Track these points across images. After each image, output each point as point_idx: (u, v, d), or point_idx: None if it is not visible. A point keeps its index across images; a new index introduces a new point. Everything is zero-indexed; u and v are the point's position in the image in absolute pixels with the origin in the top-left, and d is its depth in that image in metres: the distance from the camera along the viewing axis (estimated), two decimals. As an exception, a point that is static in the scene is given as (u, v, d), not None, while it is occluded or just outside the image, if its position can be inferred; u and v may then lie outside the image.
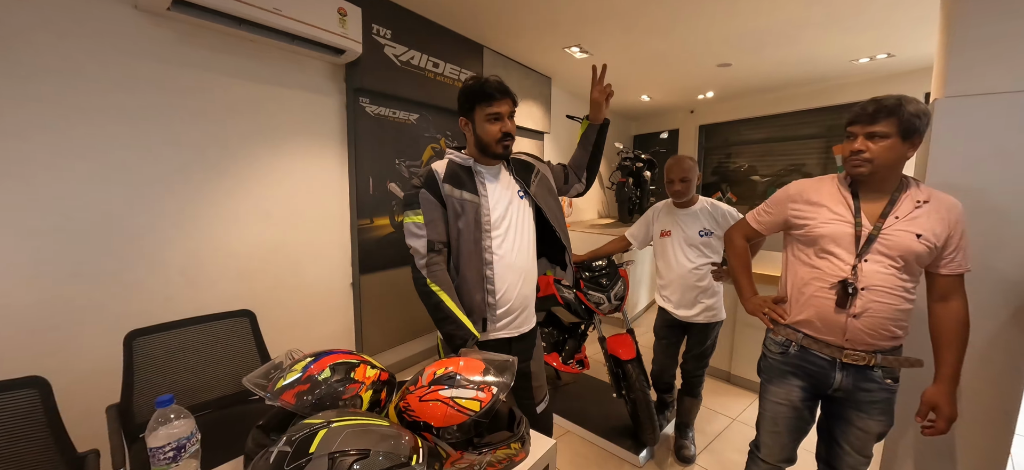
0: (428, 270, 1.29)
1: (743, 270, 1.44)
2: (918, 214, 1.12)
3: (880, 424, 1.20)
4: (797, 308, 1.25)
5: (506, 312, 1.37)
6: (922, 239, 1.10)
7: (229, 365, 1.60)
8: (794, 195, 1.30)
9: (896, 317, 1.13)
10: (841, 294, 1.14)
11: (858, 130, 1.14)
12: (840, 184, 1.24)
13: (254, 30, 1.99)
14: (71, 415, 1.20)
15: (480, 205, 1.31)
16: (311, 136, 2.47)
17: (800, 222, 1.26)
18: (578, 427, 2.40)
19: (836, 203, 1.21)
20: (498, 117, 1.30)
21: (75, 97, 1.67)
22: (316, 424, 0.72)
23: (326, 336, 2.66)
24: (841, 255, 1.16)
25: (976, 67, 1.31)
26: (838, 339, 1.18)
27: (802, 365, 1.25)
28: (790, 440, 1.31)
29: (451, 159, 1.37)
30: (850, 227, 1.16)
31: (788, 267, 1.32)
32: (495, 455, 0.89)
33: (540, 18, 2.90)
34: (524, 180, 1.43)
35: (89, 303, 1.75)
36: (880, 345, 1.15)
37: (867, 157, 1.12)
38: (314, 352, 1.01)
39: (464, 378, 0.92)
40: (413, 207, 1.31)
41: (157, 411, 0.81)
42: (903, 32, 3.04)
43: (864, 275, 1.13)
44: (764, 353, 1.38)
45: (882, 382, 1.17)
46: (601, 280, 2.23)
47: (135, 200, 1.85)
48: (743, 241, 1.45)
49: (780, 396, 1.30)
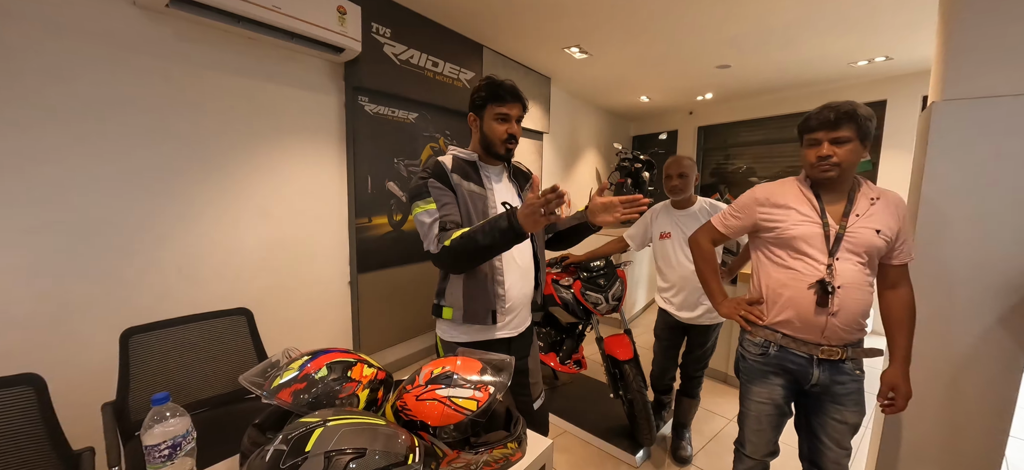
0: (439, 238, 1.19)
1: (713, 274, 1.47)
2: (874, 211, 1.20)
3: (855, 415, 1.25)
4: (776, 310, 1.28)
5: (510, 308, 1.36)
6: (881, 234, 1.18)
7: (226, 363, 1.59)
8: (761, 198, 1.33)
9: (865, 311, 1.20)
10: (821, 294, 1.18)
11: (823, 136, 1.19)
12: (802, 186, 1.29)
13: (253, 27, 1.99)
14: (66, 413, 1.20)
15: (486, 197, 1.32)
16: (310, 134, 2.47)
17: (770, 225, 1.29)
18: (575, 427, 2.41)
19: (802, 205, 1.26)
20: (506, 118, 1.31)
21: (72, 93, 1.66)
22: (312, 423, 0.72)
23: (323, 335, 2.66)
24: (815, 255, 1.21)
25: (974, 71, 1.32)
26: (817, 337, 1.22)
27: (782, 364, 1.29)
28: (774, 435, 1.36)
29: (455, 154, 1.37)
30: (819, 228, 1.22)
31: (760, 269, 1.35)
32: (492, 455, 0.89)
33: (540, 18, 2.90)
34: (519, 186, 1.45)
35: (85, 300, 1.74)
36: (852, 339, 1.22)
37: (835, 161, 1.18)
38: (311, 351, 1.00)
39: (461, 377, 0.92)
40: (421, 197, 1.26)
41: (153, 409, 0.81)
42: (901, 35, 3.05)
43: (838, 273, 1.18)
44: (742, 355, 1.40)
45: (852, 374, 1.24)
46: (599, 280, 2.23)
47: (132, 197, 1.84)
48: (710, 245, 1.48)
49: (763, 396, 1.33)
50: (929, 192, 1.39)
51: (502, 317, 1.34)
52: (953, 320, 1.38)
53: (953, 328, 1.38)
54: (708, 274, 1.47)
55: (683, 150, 5.85)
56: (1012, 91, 1.26)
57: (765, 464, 1.39)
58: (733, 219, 1.40)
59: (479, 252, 1.16)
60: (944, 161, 1.37)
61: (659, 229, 2.06)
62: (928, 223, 1.40)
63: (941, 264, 1.38)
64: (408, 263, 3.04)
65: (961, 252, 1.35)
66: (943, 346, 1.40)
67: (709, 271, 1.47)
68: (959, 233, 1.35)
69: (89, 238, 1.74)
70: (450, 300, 1.34)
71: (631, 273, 3.99)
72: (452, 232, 1.18)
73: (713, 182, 5.72)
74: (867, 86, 4.17)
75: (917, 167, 1.48)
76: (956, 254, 1.36)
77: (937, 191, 1.38)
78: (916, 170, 1.48)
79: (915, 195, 1.46)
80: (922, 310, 1.27)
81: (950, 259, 1.37)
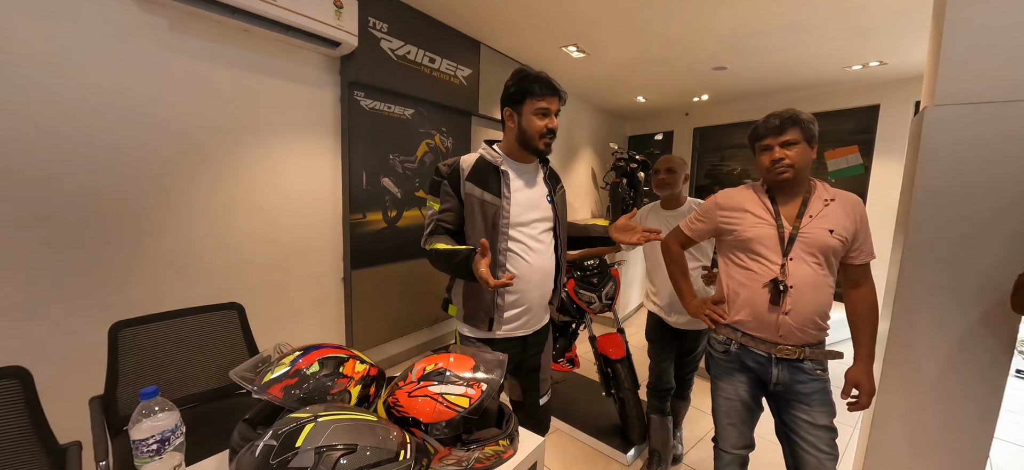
0: (427, 240, 1.29)
1: (682, 275, 1.55)
2: (828, 211, 1.26)
3: (824, 415, 1.28)
4: (734, 309, 1.36)
5: (520, 314, 1.35)
6: (835, 234, 1.23)
7: (216, 358, 1.58)
8: (722, 203, 1.41)
9: (821, 310, 1.25)
10: (773, 293, 1.24)
11: (772, 141, 1.27)
12: (758, 191, 1.36)
13: (248, 19, 1.97)
14: (54, 406, 1.18)
15: (500, 207, 1.28)
16: (304, 129, 2.45)
17: (729, 227, 1.37)
18: (567, 425, 2.41)
19: (757, 207, 1.33)
20: (546, 113, 1.29)
21: (62, 81, 1.64)
22: (303, 418, 0.71)
23: (316, 330, 2.65)
24: (769, 256, 1.27)
25: (964, 76, 1.33)
26: (772, 336, 1.28)
27: (743, 361, 1.36)
28: (746, 429, 1.41)
29: (482, 155, 1.33)
30: (773, 229, 1.28)
31: (724, 270, 1.42)
32: (483, 452, 0.89)
33: (538, 17, 2.90)
34: (551, 186, 1.42)
35: (74, 293, 1.72)
36: (808, 338, 1.26)
37: (788, 162, 1.25)
38: (303, 346, 1.00)
39: (454, 374, 0.92)
40: (433, 193, 1.33)
41: (141, 403, 0.80)
42: (895, 40, 3.08)
43: (791, 273, 1.24)
44: (709, 352, 1.48)
45: (813, 373, 1.27)
46: (592, 279, 2.23)
47: (123, 189, 1.82)
48: (679, 248, 1.55)
49: (729, 392, 1.40)
50: (921, 196, 1.40)
51: (499, 324, 1.33)
52: (939, 322, 1.40)
53: (939, 330, 1.40)
54: (677, 275, 1.55)
55: (678, 151, 5.87)
56: (1001, 98, 1.28)
57: (743, 457, 1.43)
58: (698, 223, 1.48)
59: (447, 270, 1.26)
60: (935, 165, 1.38)
61: (649, 230, 2.06)
62: (919, 227, 1.41)
63: (931, 267, 1.40)
64: (402, 260, 3.03)
65: (951, 255, 1.37)
66: (929, 348, 1.42)
67: (678, 272, 1.55)
68: (949, 237, 1.37)
69: (79, 230, 1.72)
70: (455, 298, 1.38)
71: (625, 272, 4.00)
72: (437, 239, 1.26)
73: (708, 184, 5.75)
74: (861, 90, 4.20)
75: (908, 171, 1.49)
76: (946, 257, 1.38)
77: (928, 195, 1.39)
78: (908, 174, 1.49)
79: (907, 199, 1.47)
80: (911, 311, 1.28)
81: (940, 262, 1.39)
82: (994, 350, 1.33)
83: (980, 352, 1.35)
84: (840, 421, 1.32)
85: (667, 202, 2.00)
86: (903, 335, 1.47)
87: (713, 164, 5.74)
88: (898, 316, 1.47)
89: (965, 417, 1.39)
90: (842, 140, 4.28)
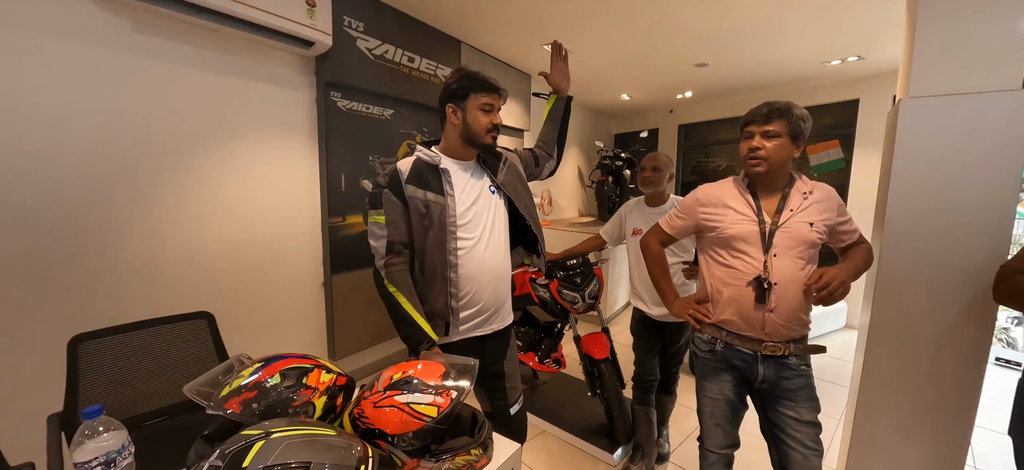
0: (386, 271, 1.27)
1: (663, 274, 1.50)
2: (807, 204, 1.25)
3: (809, 411, 1.27)
4: (719, 308, 1.33)
5: (475, 314, 1.33)
6: (814, 227, 1.23)
7: (185, 371, 1.51)
8: (703, 199, 1.38)
9: (804, 305, 1.23)
10: (758, 291, 1.22)
11: (755, 130, 1.24)
12: (739, 185, 1.33)
13: (215, 19, 1.90)
14: (10, 425, 1.13)
15: (446, 206, 1.26)
16: (279, 131, 2.39)
17: (711, 224, 1.34)
18: (553, 426, 2.39)
19: (738, 203, 1.30)
20: (491, 108, 1.29)
21: (21, 83, 1.57)
22: (253, 435, 0.67)
23: (296, 339, 2.58)
24: (752, 253, 1.25)
25: (938, 69, 1.34)
26: (758, 334, 1.26)
27: (729, 360, 1.33)
28: (731, 428, 1.39)
29: (419, 157, 1.31)
30: (755, 225, 1.26)
31: (706, 268, 1.39)
32: (454, 462, 0.86)
33: (519, 14, 2.86)
34: (492, 170, 1.39)
35: (32, 304, 1.65)
36: (793, 334, 1.25)
37: (763, 154, 1.22)
38: (264, 357, 0.95)
39: (422, 382, 0.88)
40: (377, 207, 1.29)
41: (83, 423, 0.75)
42: (873, 35, 3.11)
43: (774, 270, 1.22)
44: (694, 352, 1.44)
45: (798, 369, 1.26)
46: (575, 279, 2.21)
47: (86, 194, 1.75)
48: (659, 246, 1.52)
49: (715, 392, 1.37)
50: (897, 188, 1.41)
51: (456, 327, 1.31)
52: (920, 312, 1.40)
53: (920, 320, 1.40)
54: (658, 274, 1.51)
55: (664, 148, 5.89)
56: (974, 89, 1.29)
57: (728, 457, 1.41)
58: (678, 220, 1.45)
59: (392, 317, 1.26)
60: (911, 157, 1.38)
61: (632, 225, 2.05)
62: (896, 218, 1.41)
63: (909, 258, 1.40)
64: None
65: (928, 246, 1.37)
66: (911, 337, 1.42)
67: (659, 271, 1.51)
68: (926, 227, 1.37)
69: (38, 237, 1.64)
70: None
71: (610, 271, 3.98)
72: (399, 278, 1.26)
73: (693, 180, 5.77)
74: (841, 85, 4.24)
75: (885, 164, 1.49)
76: (923, 248, 1.38)
77: (904, 187, 1.40)
78: (884, 166, 1.50)
79: (884, 191, 1.47)
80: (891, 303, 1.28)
81: (917, 253, 1.39)
82: (974, 339, 1.34)
83: (960, 341, 1.36)
84: (824, 416, 1.32)
85: (651, 199, 2.00)
86: (884, 325, 1.47)
87: (698, 160, 5.77)
88: (878, 307, 1.47)
89: (946, 406, 1.40)
90: (823, 135, 4.33)
